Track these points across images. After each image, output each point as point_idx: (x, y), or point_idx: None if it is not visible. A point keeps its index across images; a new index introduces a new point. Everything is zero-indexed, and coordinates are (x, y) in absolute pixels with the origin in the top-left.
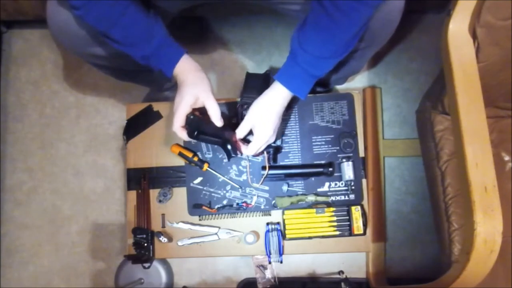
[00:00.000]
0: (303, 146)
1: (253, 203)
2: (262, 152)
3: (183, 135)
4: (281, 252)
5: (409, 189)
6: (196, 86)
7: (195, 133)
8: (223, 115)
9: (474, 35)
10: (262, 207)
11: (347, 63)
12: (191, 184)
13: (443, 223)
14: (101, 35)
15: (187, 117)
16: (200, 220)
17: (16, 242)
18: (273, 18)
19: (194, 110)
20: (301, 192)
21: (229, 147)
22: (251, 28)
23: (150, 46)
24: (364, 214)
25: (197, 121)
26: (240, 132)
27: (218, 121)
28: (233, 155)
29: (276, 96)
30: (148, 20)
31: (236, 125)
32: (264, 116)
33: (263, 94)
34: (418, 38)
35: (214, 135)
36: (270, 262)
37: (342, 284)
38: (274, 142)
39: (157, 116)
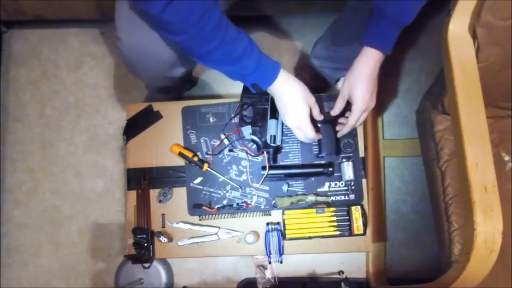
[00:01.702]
0: (303, 146)
1: (253, 203)
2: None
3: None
4: (281, 252)
5: (409, 189)
6: (305, 96)
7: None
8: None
9: (474, 35)
10: (262, 207)
11: None
12: (191, 184)
13: (443, 223)
14: (195, 58)
15: None
16: (200, 220)
17: (16, 242)
18: (273, 19)
19: None
20: (301, 192)
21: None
22: (251, 28)
23: (251, 63)
24: (364, 214)
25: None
26: (336, 109)
27: (320, 117)
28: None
29: (364, 60)
30: (243, 34)
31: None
32: (357, 82)
33: (353, 65)
34: (418, 38)
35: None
36: (270, 262)
37: (342, 284)
38: (274, 142)
39: (157, 116)
